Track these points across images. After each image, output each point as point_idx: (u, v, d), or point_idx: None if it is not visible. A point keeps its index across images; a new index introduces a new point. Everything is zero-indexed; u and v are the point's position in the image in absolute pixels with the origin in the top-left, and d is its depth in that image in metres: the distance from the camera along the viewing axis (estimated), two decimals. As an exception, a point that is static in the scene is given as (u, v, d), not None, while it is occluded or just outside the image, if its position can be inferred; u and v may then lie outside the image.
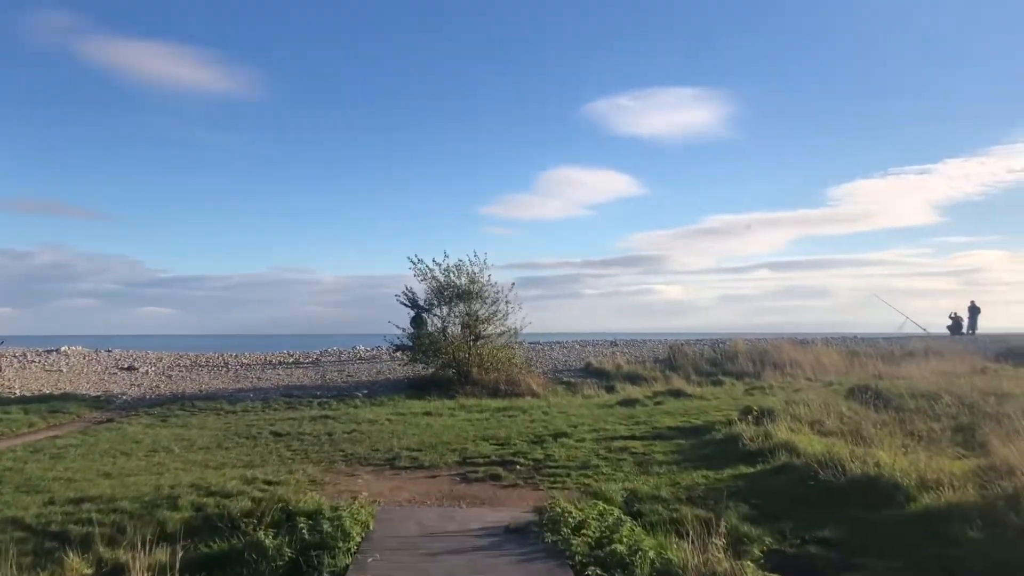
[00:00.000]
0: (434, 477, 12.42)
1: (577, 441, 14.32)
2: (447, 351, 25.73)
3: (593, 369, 28.13)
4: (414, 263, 26.20)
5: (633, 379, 26.28)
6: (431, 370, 26.40)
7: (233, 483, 11.23)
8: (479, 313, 25.89)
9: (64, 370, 28.47)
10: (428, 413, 19.60)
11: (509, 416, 18.48)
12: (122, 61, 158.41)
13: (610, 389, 24.74)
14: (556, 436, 14.72)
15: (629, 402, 20.34)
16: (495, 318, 26.03)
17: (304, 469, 12.63)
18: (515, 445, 14.14)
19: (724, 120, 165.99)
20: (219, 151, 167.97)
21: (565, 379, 26.63)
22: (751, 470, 11.84)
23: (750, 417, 14.77)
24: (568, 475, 12.11)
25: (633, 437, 14.51)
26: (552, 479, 11.99)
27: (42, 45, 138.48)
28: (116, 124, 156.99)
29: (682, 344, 32.20)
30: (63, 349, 32.42)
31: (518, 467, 12.73)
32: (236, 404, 22.12)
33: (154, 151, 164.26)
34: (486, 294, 25.93)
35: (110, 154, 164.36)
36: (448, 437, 15.26)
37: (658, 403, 20.28)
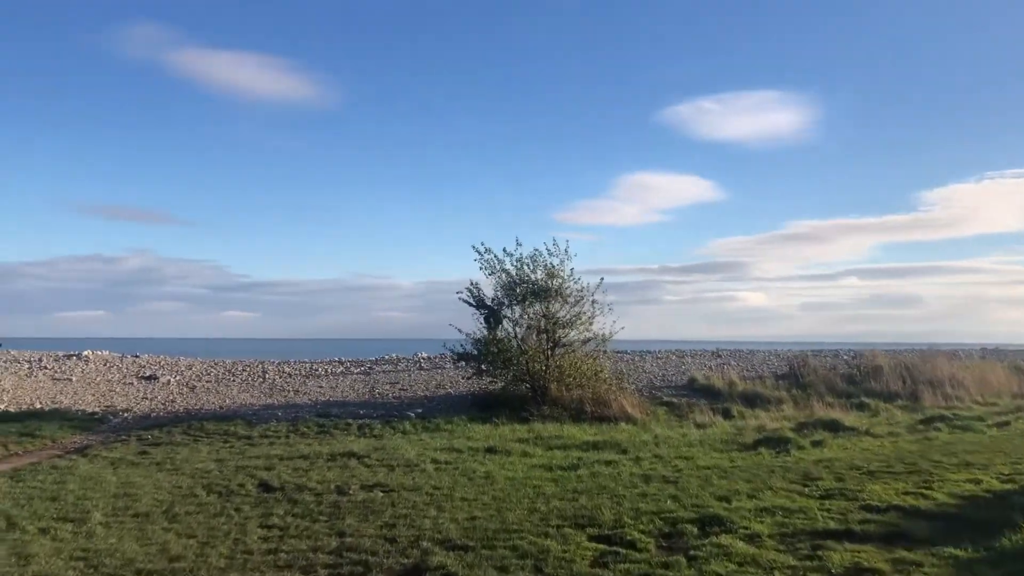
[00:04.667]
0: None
1: (750, 542, 7.43)
2: (519, 361, 19.31)
3: (699, 386, 21.40)
4: (480, 253, 19.87)
5: (752, 400, 19.56)
6: (500, 385, 20.03)
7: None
8: (559, 315, 19.38)
9: (73, 379, 22.81)
10: (491, 451, 13.22)
11: (607, 462, 11.94)
12: (207, 72, 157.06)
13: (727, 414, 18.07)
14: (704, 524, 7.95)
15: (774, 442, 13.54)
16: (578, 322, 19.50)
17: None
18: (631, 540, 7.53)
19: (809, 123, 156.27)
20: (300, 158, 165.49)
21: (666, 399, 19.97)
22: None
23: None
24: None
25: (850, 534, 7.58)
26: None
27: (133, 57, 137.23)
28: (202, 133, 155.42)
29: (807, 356, 25.14)
30: (84, 354, 26.92)
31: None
32: (256, 427, 16.14)
33: (238, 159, 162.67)
34: (567, 292, 19.42)
35: (196, 162, 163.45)
36: (515, 512, 8.71)
37: (816, 443, 13.53)
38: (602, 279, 19.71)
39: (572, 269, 19.50)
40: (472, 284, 20.25)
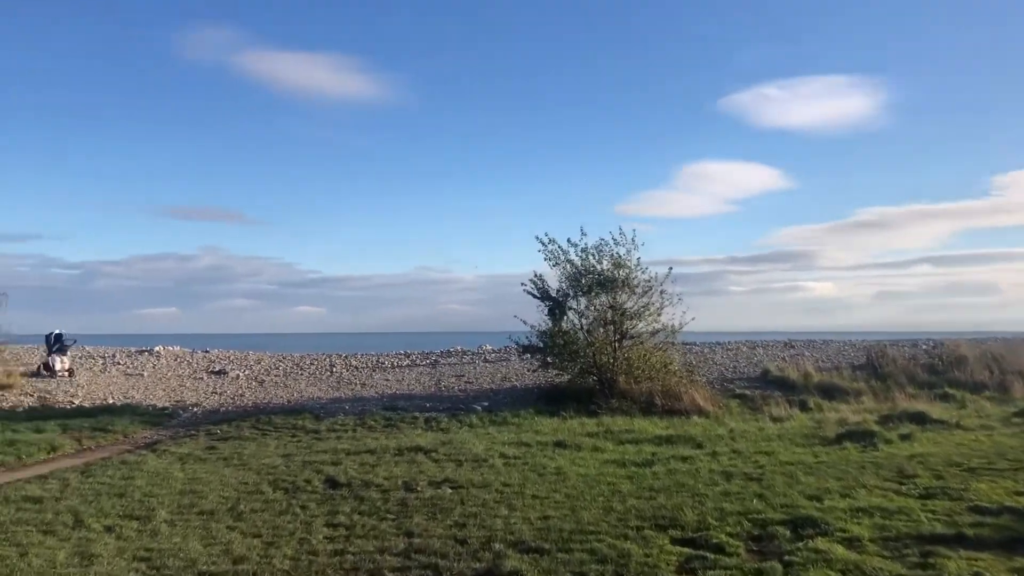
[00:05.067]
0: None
1: (850, 547, 6.75)
2: (586, 354, 18.75)
3: (773, 378, 20.55)
4: (544, 244, 19.34)
5: (829, 392, 18.68)
6: (566, 377, 19.50)
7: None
8: (626, 306, 18.75)
9: (145, 374, 22.97)
10: (560, 445, 12.74)
11: (683, 458, 11.35)
12: (275, 72, 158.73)
13: (803, 406, 17.24)
14: (796, 526, 7.32)
15: (858, 436, 12.74)
16: (647, 313, 18.82)
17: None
18: (719, 543, 6.96)
19: (879, 108, 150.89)
20: (366, 156, 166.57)
21: (738, 391, 19.22)
22: None
23: None
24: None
25: (962, 539, 6.85)
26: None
27: (201, 60, 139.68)
28: (271, 133, 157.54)
29: (885, 346, 24.03)
30: (156, 349, 27.13)
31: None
32: (324, 420, 15.93)
33: (306, 158, 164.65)
34: (635, 282, 18.77)
35: (264, 162, 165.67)
36: (590, 512, 8.19)
37: (904, 436, 12.71)
38: (671, 268, 19.04)
39: (639, 259, 18.88)
40: (536, 276, 19.76)
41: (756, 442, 12.78)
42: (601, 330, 18.86)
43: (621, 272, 18.57)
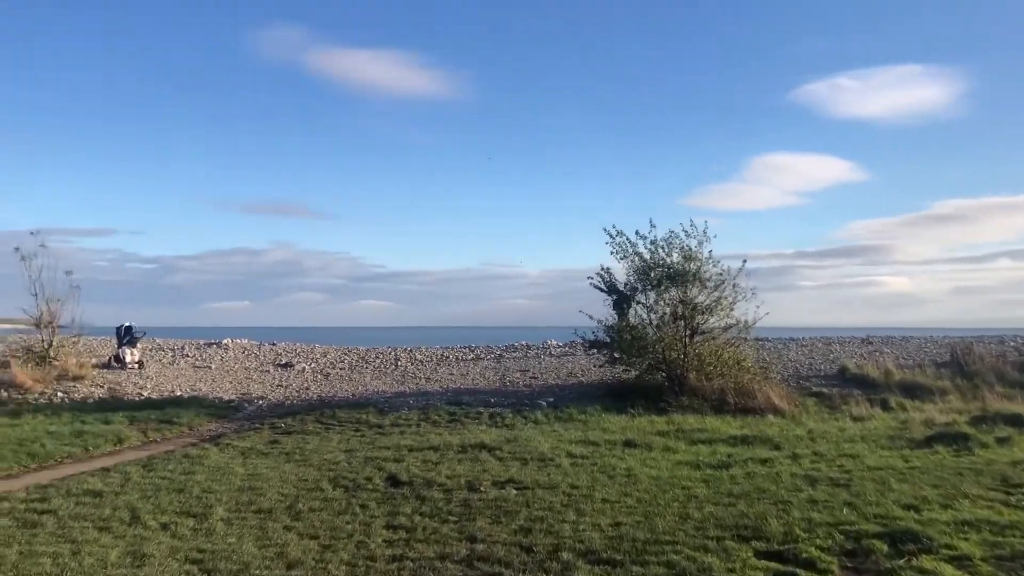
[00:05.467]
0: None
1: (960, 567, 6.02)
2: (655, 349, 18.07)
3: (851, 375, 19.60)
4: (612, 236, 18.72)
5: (912, 391, 17.67)
6: (634, 373, 18.85)
7: None
8: (697, 300, 18.01)
9: (213, 367, 23.01)
10: (630, 444, 12.16)
11: (761, 460, 10.66)
12: (343, 70, 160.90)
13: (885, 405, 16.35)
14: (894, 540, 6.58)
15: (949, 438, 11.87)
16: (718, 307, 18.06)
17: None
18: (809, 558, 6.28)
19: (957, 97, 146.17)
20: (431, 151, 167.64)
21: (815, 389, 18.34)
22: None
23: None
24: None
25: None
26: None
27: (273, 58, 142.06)
28: (338, 130, 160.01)
29: (971, 343, 22.76)
30: (224, 342, 27.24)
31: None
32: (388, 415, 15.65)
33: (373, 154, 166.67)
34: (706, 275, 18.03)
35: (333, 158, 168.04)
36: (665, 519, 7.58)
37: (1001, 440, 11.82)
38: (744, 261, 18.26)
39: (711, 251, 18.13)
40: (603, 269, 19.18)
41: (838, 444, 12.00)
42: (671, 325, 18.16)
43: (692, 265, 17.85)
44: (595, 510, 8.06)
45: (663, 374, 18.14)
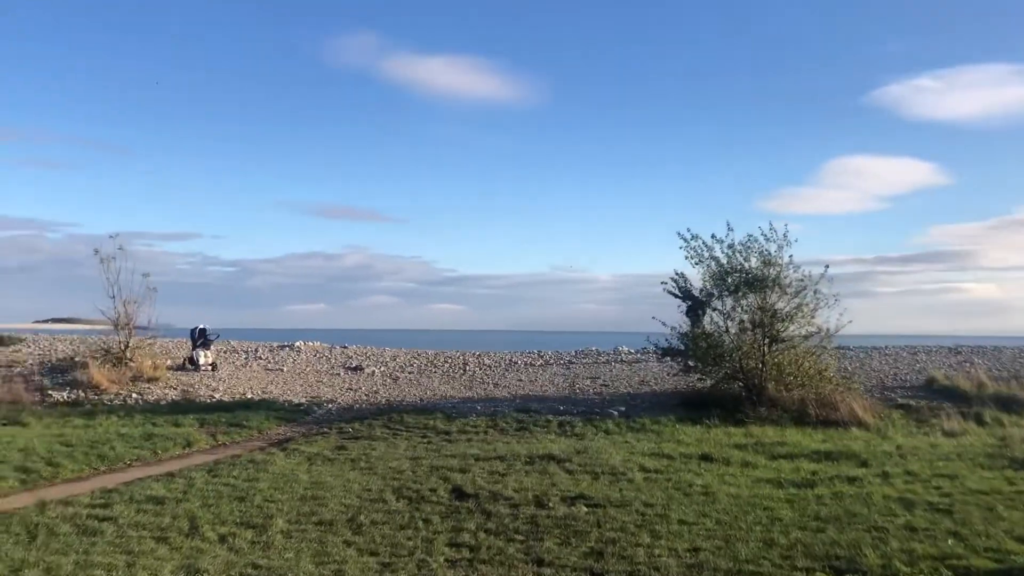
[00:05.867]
0: None
1: None
2: (732, 357, 17.32)
3: (940, 387, 18.49)
4: (686, 240, 18.03)
5: (1008, 404, 16.53)
6: (709, 382, 18.12)
7: None
8: (777, 307, 17.20)
9: (284, 369, 23.00)
10: (706, 458, 11.56)
11: (849, 479, 9.95)
12: (416, 76, 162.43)
13: (979, 420, 15.31)
14: (1010, 579, 6.00)
15: (1057, 458, 10.97)
16: (799, 315, 17.22)
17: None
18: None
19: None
20: (502, 156, 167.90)
21: (901, 400, 17.34)
22: None
23: None
24: None
25: None
26: None
27: (348, 65, 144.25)
28: (412, 135, 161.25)
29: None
30: (296, 344, 27.29)
31: None
32: (455, 421, 15.31)
33: (445, 158, 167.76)
34: (786, 281, 17.21)
35: (407, 162, 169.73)
36: (747, 545, 6.97)
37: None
38: (827, 267, 17.37)
39: (791, 256, 17.31)
40: (677, 274, 18.49)
41: (931, 462, 11.16)
42: (748, 332, 17.40)
43: (771, 270, 17.06)
44: (671, 532, 7.51)
45: (740, 384, 17.39)
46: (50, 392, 18.29)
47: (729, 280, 17.41)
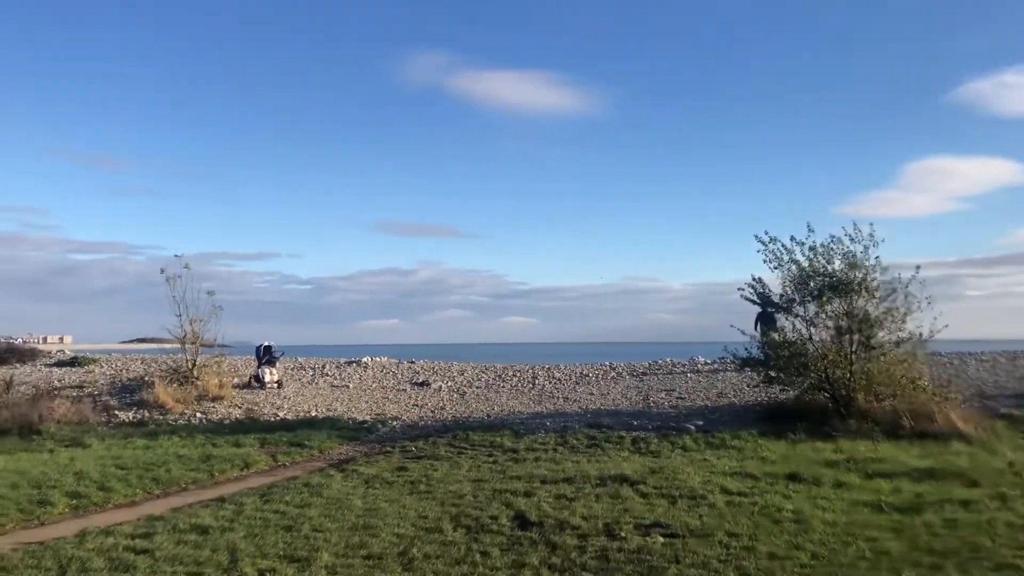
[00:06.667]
0: None
1: None
2: (817, 367, 16.08)
3: (1047, 395, 16.94)
4: (764, 243, 16.88)
5: None
6: (792, 394, 16.90)
7: None
8: (866, 312, 15.91)
9: (350, 386, 22.49)
10: (794, 478, 10.49)
11: (961, 502, 8.76)
12: (485, 91, 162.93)
13: (1095, 432, 13.80)
14: None
15: None
16: (889, 320, 15.91)
17: None
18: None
19: None
20: (571, 169, 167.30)
21: (1003, 410, 15.86)
22: None
23: None
24: None
25: None
26: None
27: (418, 82, 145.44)
28: (482, 149, 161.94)
29: None
30: (363, 360, 26.82)
31: None
32: (523, 438, 14.51)
33: (514, 173, 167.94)
34: (874, 284, 15.92)
35: (477, 177, 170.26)
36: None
37: None
38: (918, 267, 16.03)
39: (877, 258, 16.01)
40: (755, 279, 17.36)
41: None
42: (835, 340, 16.15)
43: (857, 273, 15.80)
44: (760, 570, 6.53)
45: (826, 394, 16.13)
46: (116, 412, 18.10)
47: (811, 284, 16.21)
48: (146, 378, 21.27)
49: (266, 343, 22.65)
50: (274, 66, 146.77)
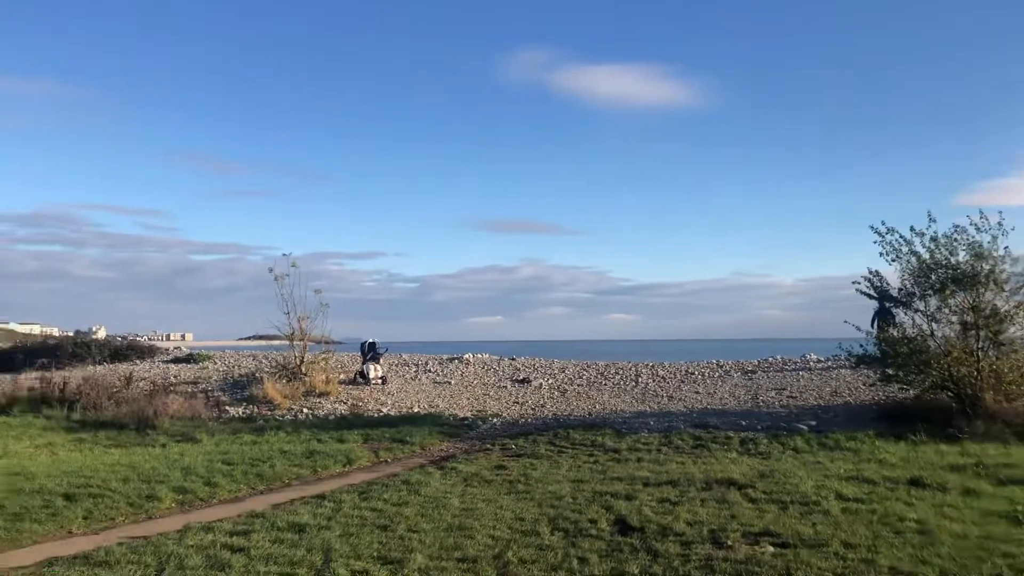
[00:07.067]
0: None
1: None
2: (939, 364, 15.07)
3: None
4: (881, 235, 15.93)
5: None
6: (912, 393, 15.92)
7: None
8: (994, 306, 14.81)
9: (452, 382, 22.49)
10: (916, 483, 9.77)
11: (1111, 516, 7.93)
12: (588, 86, 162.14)
13: None
14: None
15: None
16: (1020, 314, 14.77)
17: None
18: None
19: None
20: (678, 163, 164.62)
21: None
22: None
23: None
24: None
25: None
26: None
27: (520, 80, 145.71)
28: (584, 145, 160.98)
29: None
30: (465, 357, 26.82)
31: None
32: (625, 437, 14.12)
33: (618, 168, 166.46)
34: (1003, 276, 14.80)
35: (579, 174, 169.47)
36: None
37: None
38: (1055, 256, 14.82)
39: (1007, 248, 14.87)
40: (871, 272, 16.43)
41: None
42: (959, 336, 15.10)
43: (984, 265, 14.72)
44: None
45: (950, 394, 15.11)
46: (227, 408, 18.56)
47: (933, 277, 15.20)
48: (256, 374, 21.80)
49: (370, 340, 22.90)
50: (381, 71, 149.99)
